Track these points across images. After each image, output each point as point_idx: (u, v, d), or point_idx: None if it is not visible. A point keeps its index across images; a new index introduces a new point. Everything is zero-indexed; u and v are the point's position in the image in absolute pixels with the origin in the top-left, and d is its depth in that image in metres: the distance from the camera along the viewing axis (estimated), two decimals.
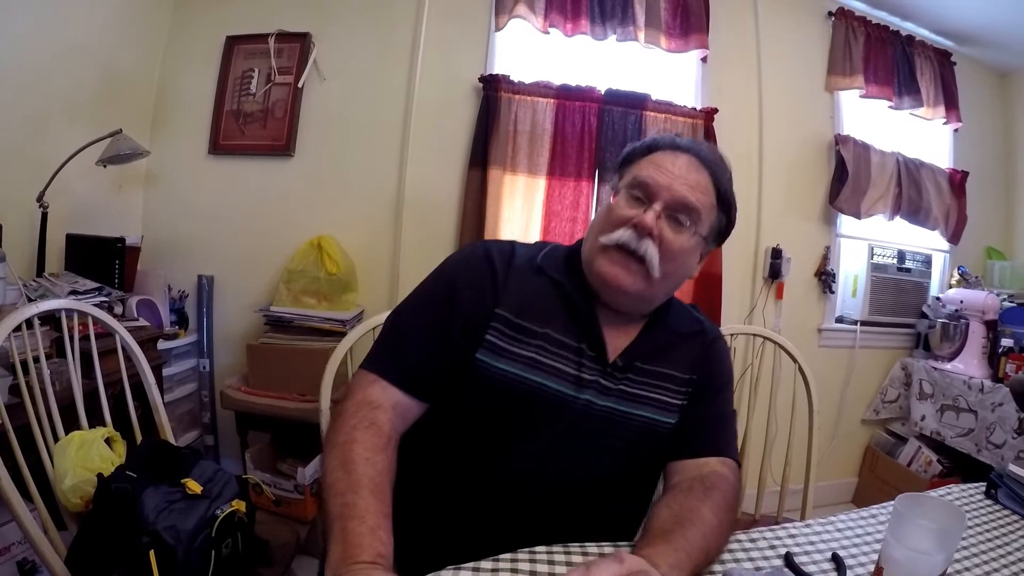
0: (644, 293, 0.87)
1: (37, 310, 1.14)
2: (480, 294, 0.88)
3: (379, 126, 2.41)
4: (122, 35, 2.24)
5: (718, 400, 0.94)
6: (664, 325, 0.93)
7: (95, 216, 2.15)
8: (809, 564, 0.73)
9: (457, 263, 0.94)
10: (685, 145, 0.91)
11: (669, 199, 0.85)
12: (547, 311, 0.87)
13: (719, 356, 0.97)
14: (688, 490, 0.78)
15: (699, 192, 0.87)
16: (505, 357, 0.84)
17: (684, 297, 2.43)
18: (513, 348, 0.84)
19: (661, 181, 0.86)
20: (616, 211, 0.88)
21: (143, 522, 0.94)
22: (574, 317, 0.88)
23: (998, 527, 0.87)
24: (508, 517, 0.82)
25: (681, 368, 0.91)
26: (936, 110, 2.93)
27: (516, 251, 0.94)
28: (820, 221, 2.80)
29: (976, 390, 2.39)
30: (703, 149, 0.91)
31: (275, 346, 2.10)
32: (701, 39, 2.50)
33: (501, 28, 2.36)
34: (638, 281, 0.85)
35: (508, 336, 0.85)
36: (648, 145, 0.92)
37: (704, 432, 0.89)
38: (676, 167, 0.87)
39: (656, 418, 0.87)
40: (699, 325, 0.98)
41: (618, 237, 0.85)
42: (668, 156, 0.89)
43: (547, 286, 0.90)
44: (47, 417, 1.13)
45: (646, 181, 0.86)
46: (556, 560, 0.69)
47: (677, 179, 0.86)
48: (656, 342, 0.91)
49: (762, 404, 1.51)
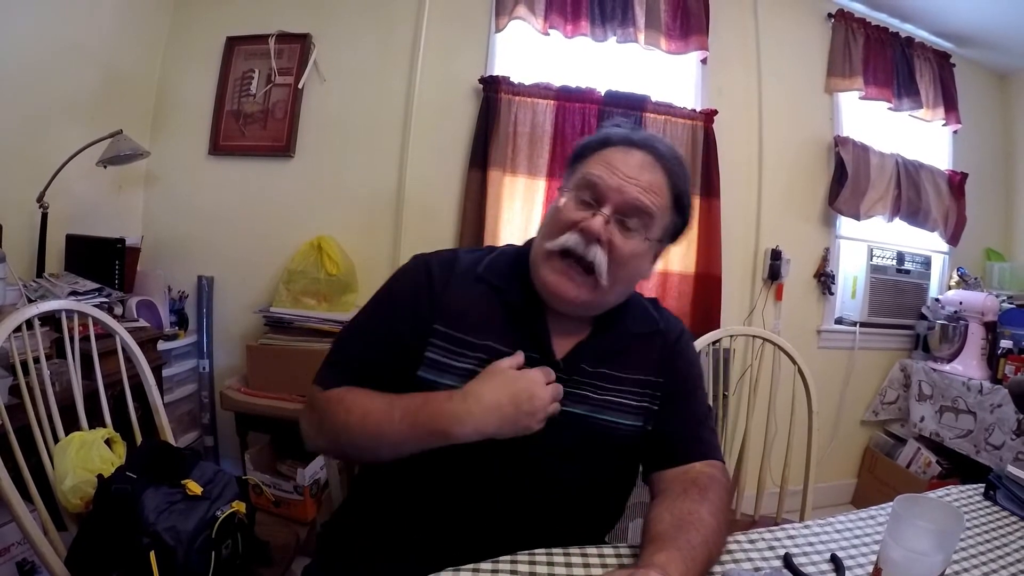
0: (591, 302, 0.84)
1: (37, 311, 1.14)
2: (417, 310, 0.85)
3: (379, 127, 2.41)
4: (122, 35, 2.24)
5: (692, 402, 0.92)
6: (617, 327, 0.89)
7: (95, 217, 2.15)
8: (808, 565, 0.73)
9: (396, 280, 0.93)
10: (640, 140, 0.85)
11: (620, 202, 0.81)
12: (486, 322, 0.85)
13: (685, 355, 0.94)
14: (683, 493, 0.77)
15: (652, 194, 0.82)
16: (447, 372, 0.82)
17: (685, 299, 2.50)
18: (454, 362, 0.82)
19: (611, 183, 0.81)
20: (563, 213, 0.83)
21: (143, 523, 0.94)
22: (516, 324, 0.85)
23: (996, 528, 0.88)
24: (479, 525, 0.81)
25: (640, 370, 0.88)
26: (935, 112, 2.93)
27: (459, 260, 0.91)
28: (819, 222, 2.81)
29: (975, 391, 2.40)
30: (659, 145, 0.86)
31: (275, 347, 2.10)
32: (701, 41, 2.51)
33: (501, 29, 2.36)
34: (583, 292, 0.82)
35: (448, 351, 0.83)
36: (601, 139, 0.87)
37: (685, 440, 0.87)
38: (628, 166, 0.82)
39: (615, 421, 0.85)
40: (655, 325, 0.93)
41: (564, 242, 0.81)
42: (621, 153, 0.84)
43: (487, 295, 0.87)
44: (47, 418, 1.12)
45: (595, 182, 0.82)
46: (556, 562, 0.70)
47: (629, 180, 0.81)
48: (606, 345, 0.88)
49: (761, 405, 1.51)
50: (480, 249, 0.97)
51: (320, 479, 2.09)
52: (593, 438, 0.84)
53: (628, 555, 0.73)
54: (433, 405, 0.77)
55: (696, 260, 2.51)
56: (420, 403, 0.77)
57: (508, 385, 0.76)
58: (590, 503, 0.88)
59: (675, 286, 2.50)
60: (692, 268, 2.51)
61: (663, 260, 2.44)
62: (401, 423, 0.77)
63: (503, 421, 0.75)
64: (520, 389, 0.76)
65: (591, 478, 0.86)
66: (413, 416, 0.76)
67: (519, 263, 0.90)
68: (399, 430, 0.77)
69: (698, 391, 0.94)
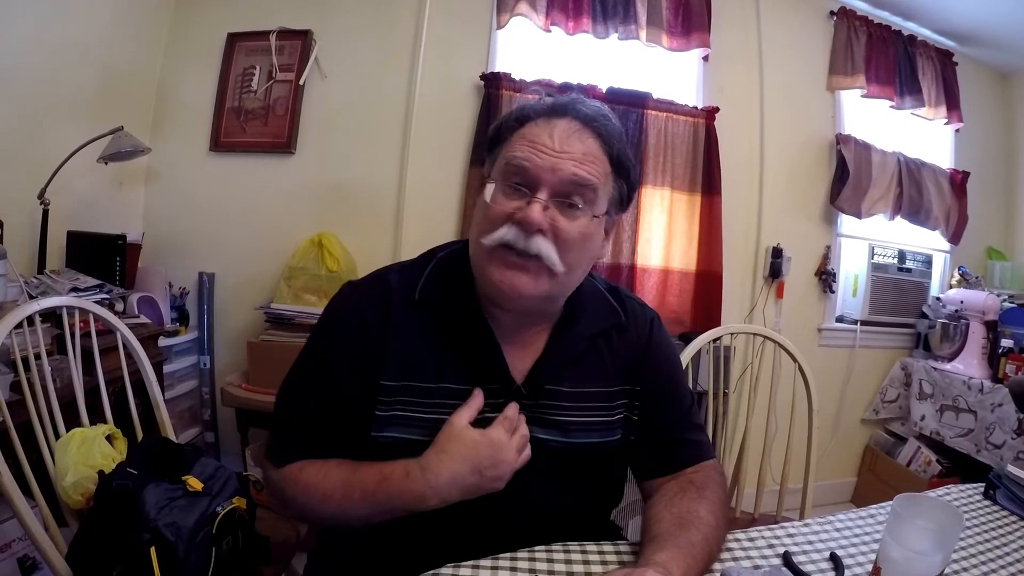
0: (551, 292, 0.75)
1: (38, 307, 1.14)
2: (357, 370, 0.76)
3: (380, 124, 2.41)
4: (123, 32, 2.24)
5: (675, 403, 0.86)
6: (573, 329, 0.81)
7: (96, 213, 2.15)
8: (807, 563, 0.73)
9: (326, 334, 0.82)
10: (561, 107, 0.75)
11: (555, 183, 0.71)
12: (436, 360, 0.77)
13: (659, 352, 0.87)
14: (681, 492, 0.77)
15: (589, 164, 0.72)
16: (410, 427, 0.75)
17: (685, 296, 2.49)
18: (415, 414, 0.75)
19: (541, 163, 0.71)
20: (493, 207, 0.73)
21: (144, 519, 0.94)
22: (466, 352, 0.77)
23: (996, 528, 0.87)
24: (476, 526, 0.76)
25: (610, 379, 0.82)
26: (937, 110, 2.92)
27: (391, 288, 0.80)
28: (821, 220, 2.80)
29: (976, 390, 2.39)
30: (582, 107, 0.75)
31: (276, 343, 2.11)
32: (703, 38, 2.50)
33: (503, 26, 2.36)
34: (542, 282, 0.73)
35: (406, 403, 0.76)
36: (517, 116, 0.76)
37: (673, 445, 0.84)
38: (555, 140, 0.72)
39: (591, 441, 0.80)
40: (615, 318, 0.84)
41: (500, 237, 0.71)
42: (543, 127, 0.73)
43: (430, 325, 0.78)
44: (48, 414, 1.13)
45: (523, 165, 0.72)
46: (555, 559, 0.70)
47: (561, 156, 0.71)
48: (565, 354, 0.80)
49: (762, 403, 1.51)
50: (415, 261, 0.85)
51: None
52: (569, 462, 0.79)
53: (627, 552, 0.73)
54: (391, 485, 0.71)
55: (697, 258, 2.51)
56: (377, 481, 0.72)
57: (468, 454, 0.71)
58: (580, 513, 0.84)
59: (676, 284, 2.51)
60: (693, 266, 2.51)
61: (663, 258, 2.49)
62: (363, 504, 0.72)
63: (466, 492, 0.71)
64: (483, 457, 0.71)
65: (578, 495, 0.82)
66: (372, 496, 0.72)
67: (457, 270, 0.80)
68: (362, 510, 0.73)
69: (679, 388, 0.89)
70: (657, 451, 0.84)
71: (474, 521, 0.75)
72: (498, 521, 0.76)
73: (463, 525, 0.75)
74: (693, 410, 0.89)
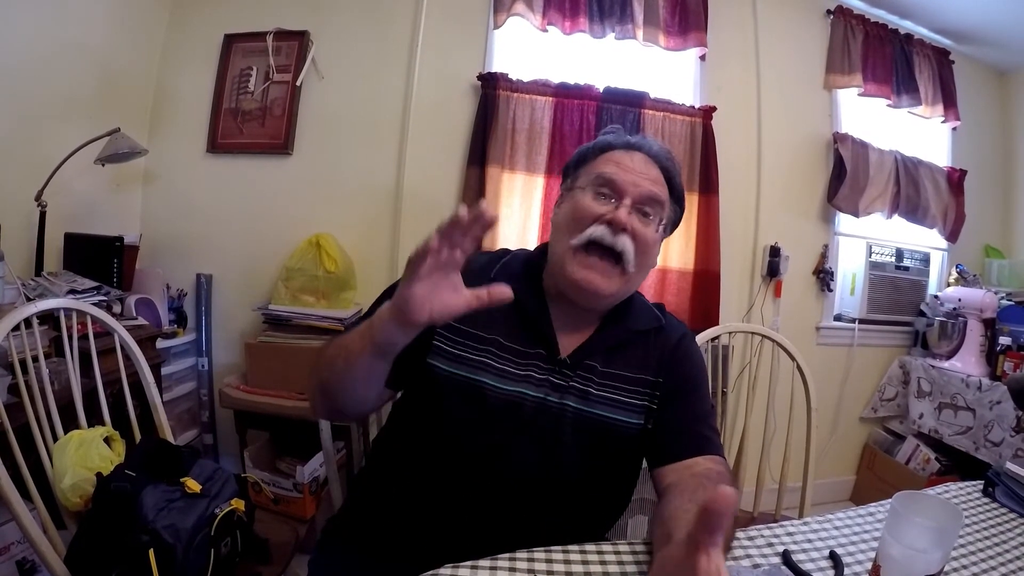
0: (618, 292, 0.90)
1: (36, 309, 1.14)
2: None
3: (377, 124, 2.41)
4: (120, 33, 2.23)
5: (693, 400, 0.93)
6: (621, 323, 0.93)
7: (93, 215, 2.15)
8: (807, 562, 0.73)
9: None
10: (636, 143, 0.94)
11: (637, 195, 0.88)
12: (493, 319, 0.88)
13: (688, 355, 0.97)
14: (698, 487, 0.77)
15: (659, 186, 0.91)
16: (454, 361, 0.87)
17: (683, 295, 2.50)
18: (464, 353, 0.87)
19: (627, 178, 0.89)
20: (584, 210, 0.88)
21: (142, 521, 0.94)
22: (524, 324, 0.90)
23: (995, 525, 0.88)
24: (481, 517, 0.83)
25: (642, 369, 0.91)
26: (934, 108, 2.93)
27: (472, 260, 0.88)
28: (818, 219, 2.81)
29: (974, 388, 2.40)
30: (653, 146, 0.95)
31: (274, 344, 2.10)
32: (700, 37, 2.50)
33: (499, 26, 2.36)
34: (614, 283, 0.87)
35: (456, 342, 0.87)
36: (601, 145, 0.95)
37: (685, 434, 0.88)
38: (635, 164, 0.91)
39: (617, 418, 0.88)
40: (658, 322, 0.97)
41: (591, 233, 0.86)
42: (625, 155, 0.92)
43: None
44: (46, 416, 1.13)
45: (613, 178, 0.89)
46: (555, 559, 0.70)
47: (640, 175, 0.90)
48: (610, 340, 0.92)
49: (760, 402, 1.52)
50: (493, 252, 1.01)
51: (319, 476, 2.09)
52: (593, 433, 0.87)
53: (627, 552, 0.73)
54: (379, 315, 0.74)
55: (695, 257, 2.50)
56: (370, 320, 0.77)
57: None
58: (592, 497, 0.90)
59: (674, 282, 2.50)
60: (691, 265, 2.51)
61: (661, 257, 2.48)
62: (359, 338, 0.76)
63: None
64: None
65: (593, 472, 0.88)
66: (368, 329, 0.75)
67: (530, 266, 0.96)
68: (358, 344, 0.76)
69: (699, 390, 0.95)
70: (668, 438, 0.88)
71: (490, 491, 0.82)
72: (514, 492, 0.83)
73: (480, 494, 0.82)
74: (711, 414, 0.95)
